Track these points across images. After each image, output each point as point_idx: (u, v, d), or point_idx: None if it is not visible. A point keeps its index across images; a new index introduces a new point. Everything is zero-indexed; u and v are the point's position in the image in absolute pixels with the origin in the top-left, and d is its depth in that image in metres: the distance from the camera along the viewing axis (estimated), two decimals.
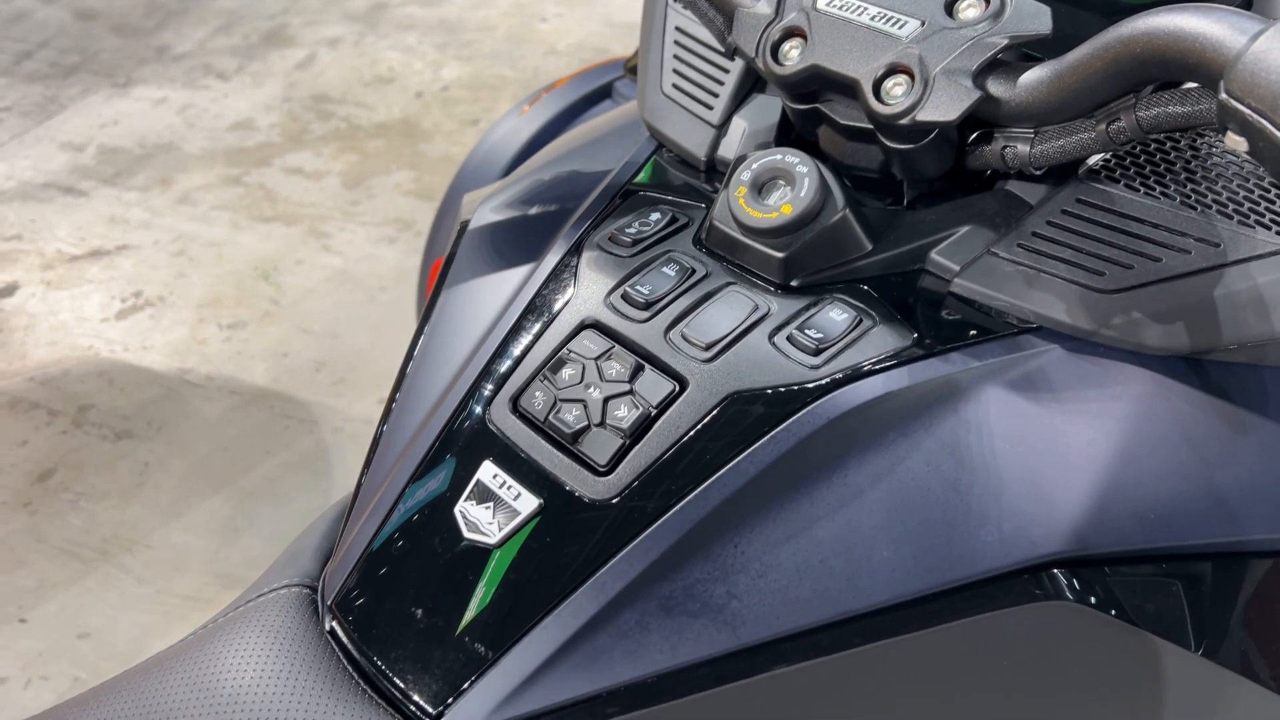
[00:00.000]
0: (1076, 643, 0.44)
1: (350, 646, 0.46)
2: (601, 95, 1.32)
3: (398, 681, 0.44)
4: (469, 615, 0.44)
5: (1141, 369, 0.48)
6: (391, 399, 0.55)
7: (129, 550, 1.53)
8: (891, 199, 0.56)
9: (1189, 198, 0.47)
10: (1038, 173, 0.50)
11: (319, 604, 0.49)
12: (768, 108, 0.59)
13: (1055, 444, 0.46)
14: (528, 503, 0.46)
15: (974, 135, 0.51)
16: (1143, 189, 0.49)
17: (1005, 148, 0.49)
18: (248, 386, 1.78)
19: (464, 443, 0.49)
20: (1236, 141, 0.37)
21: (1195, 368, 0.48)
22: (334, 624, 0.47)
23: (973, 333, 0.49)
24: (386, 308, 1.93)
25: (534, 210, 0.61)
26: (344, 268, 2.02)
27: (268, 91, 2.56)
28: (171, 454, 1.67)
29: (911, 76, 0.47)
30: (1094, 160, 0.51)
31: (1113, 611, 0.43)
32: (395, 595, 0.46)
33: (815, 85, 0.51)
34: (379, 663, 0.45)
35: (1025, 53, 0.51)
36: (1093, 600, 0.43)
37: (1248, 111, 0.35)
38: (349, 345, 1.85)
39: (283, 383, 1.79)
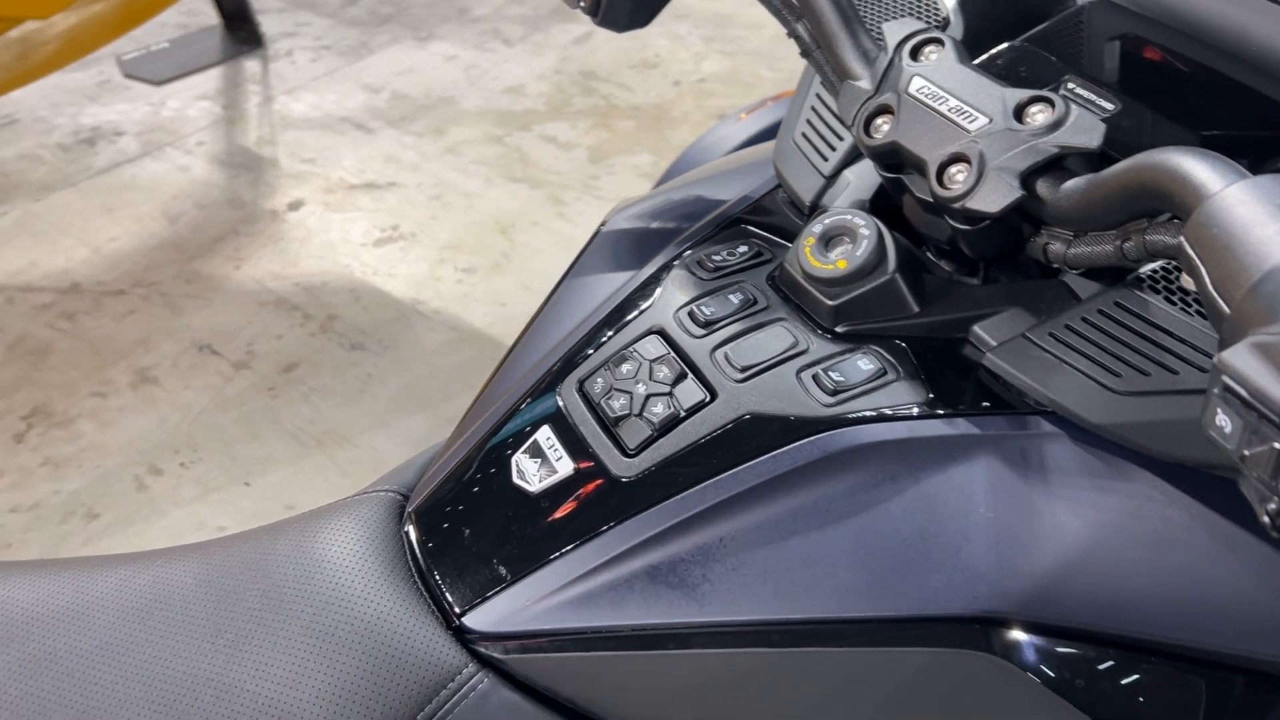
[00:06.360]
0: (993, 694, 0.49)
1: (415, 547, 0.58)
2: None
3: (439, 582, 0.56)
4: (499, 544, 0.55)
5: (1138, 468, 0.51)
6: (502, 361, 0.66)
7: (340, 445, 1.77)
8: (968, 269, 0.61)
9: None
10: (1073, 271, 0.53)
11: (405, 509, 0.62)
12: (873, 170, 0.65)
13: (1029, 517, 0.50)
14: (566, 465, 0.56)
15: (1032, 229, 0.55)
16: (1180, 304, 0.51)
17: (1047, 244, 0.53)
18: (466, 326, 1.99)
19: (534, 407, 0.59)
20: (1188, 282, 0.40)
21: (1193, 478, 0.51)
22: (409, 527, 0.59)
23: (985, 404, 0.54)
24: None
25: (654, 225, 0.70)
26: (572, 235, 2.20)
27: (543, 62, 2.78)
28: (392, 371, 1.91)
29: (970, 166, 0.52)
30: (1147, 269, 0.54)
31: (1035, 676, 0.48)
32: (453, 516, 0.58)
33: (895, 159, 0.57)
34: (430, 565, 0.57)
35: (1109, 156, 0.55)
36: (1020, 660, 0.48)
37: (1193, 255, 0.39)
38: None
39: (496, 329, 1.98)
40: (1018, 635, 0.49)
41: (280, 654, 0.53)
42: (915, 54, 0.57)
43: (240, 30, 2.92)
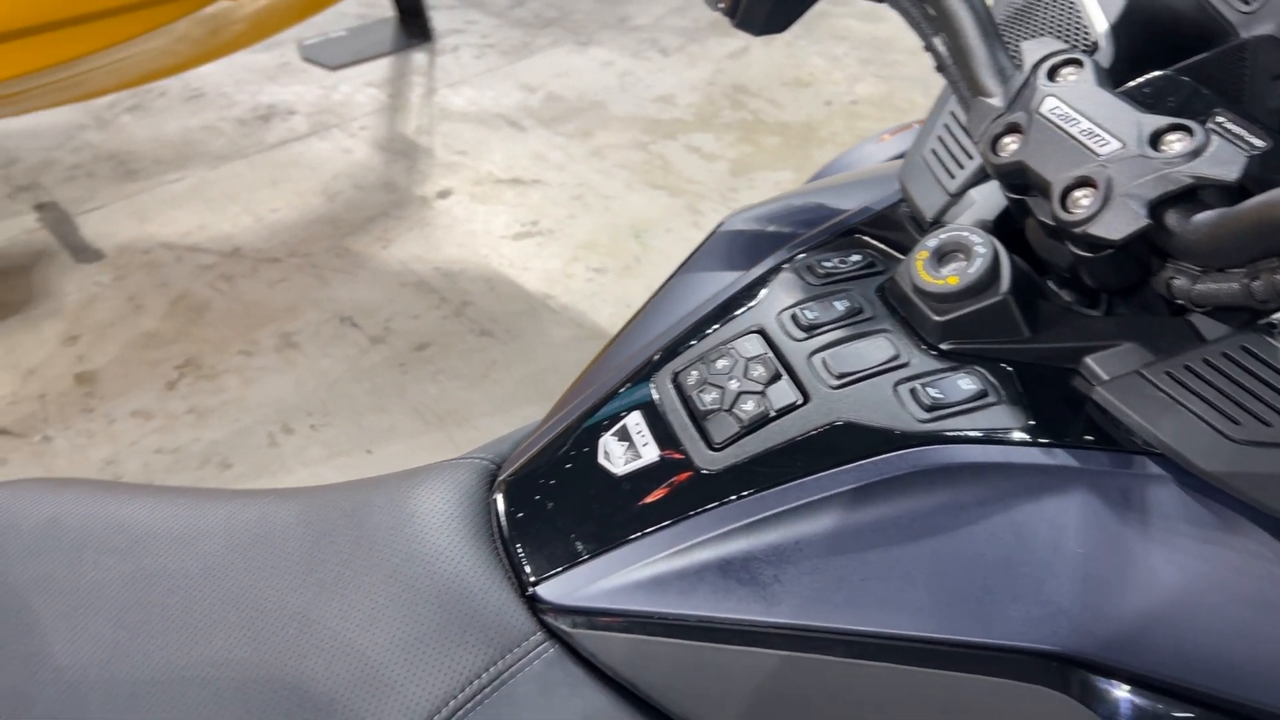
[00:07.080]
0: None
1: (500, 515, 0.60)
2: None
3: (517, 550, 0.57)
4: (579, 520, 0.56)
5: (1247, 522, 0.48)
6: (605, 347, 0.68)
7: (459, 425, 1.83)
8: (1089, 300, 0.58)
9: None
10: (1198, 310, 0.51)
11: (495, 478, 0.64)
12: (1000, 191, 0.63)
13: (1122, 559, 0.48)
14: (651, 452, 0.57)
15: (1159, 262, 0.53)
16: None
17: (1172, 278, 0.50)
18: (591, 324, 2.03)
19: (629, 394, 0.60)
20: None
21: None
22: (496, 495, 0.61)
23: (1089, 438, 0.52)
24: None
25: (770, 228, 0.70)
26: None
27: (697, 73, 2.81)
28: (516, 360, 1.96)
29: (1096, 191, 0.51)
30: None
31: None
32: (538, 489, 0.59)
33: (1020, 180, 0.56)
34: (511, 533, 0.58)
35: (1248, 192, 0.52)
36: (1094, 703, 0.46)
37: None
38: None
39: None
40: (1095, 679, 0.46)
41: (363, 597, 0.56)
42: (1053, 74, 0.56)
43: (412, 24, 3.05)
